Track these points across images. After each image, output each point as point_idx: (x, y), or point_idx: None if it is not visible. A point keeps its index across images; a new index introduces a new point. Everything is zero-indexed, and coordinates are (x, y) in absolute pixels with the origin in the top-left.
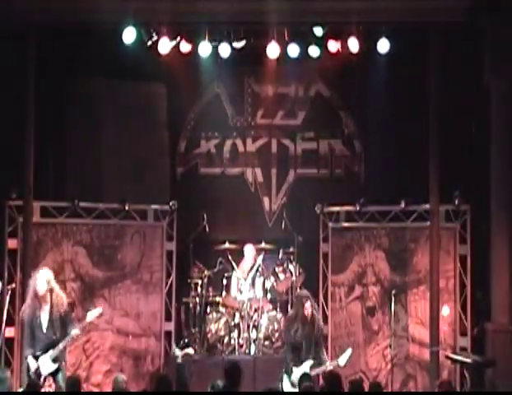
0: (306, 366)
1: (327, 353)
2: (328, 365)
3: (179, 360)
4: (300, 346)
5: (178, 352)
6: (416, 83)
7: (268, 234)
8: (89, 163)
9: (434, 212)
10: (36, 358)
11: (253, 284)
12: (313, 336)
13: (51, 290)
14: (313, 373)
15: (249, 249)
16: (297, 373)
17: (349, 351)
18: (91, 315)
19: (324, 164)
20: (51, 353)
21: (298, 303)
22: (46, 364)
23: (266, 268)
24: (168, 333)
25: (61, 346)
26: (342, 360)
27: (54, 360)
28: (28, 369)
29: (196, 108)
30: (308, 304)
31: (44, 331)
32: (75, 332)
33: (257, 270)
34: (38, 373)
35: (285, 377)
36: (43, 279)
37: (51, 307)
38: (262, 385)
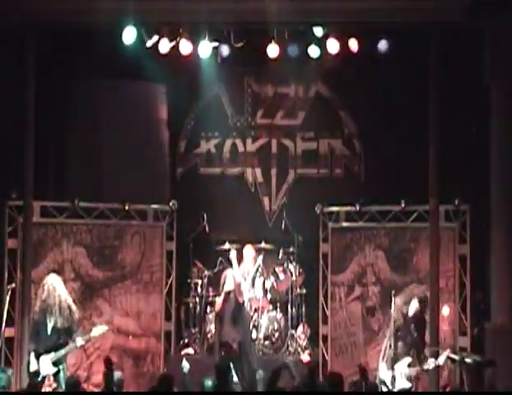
0: (405, 362)
1: (327, 353)
2: (429, 364)
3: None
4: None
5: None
6: (416, 83)
7: (268, 234)
8: (89, 163)
9: (434, 212)
10: (38, 356)
11: (253, 284)
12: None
13: (59, 296)
14: (409, 371)
15: (249, 251)
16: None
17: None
18: (96, 331)
19: (324, 164)
20: (52, 356)
21: (421, 304)
22: (46, 366)
23: (266, 268)
24: (168, 333)
25: (63, 351)
26: (441, 359)
27: (54, 364)
28: (28, 366)
29: (196, 108)
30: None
31: (49, 332)
32: (80, 342)
33: (257, 270)
34: (37, 372)
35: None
36: (52, 283)
37: (59, 312)
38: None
